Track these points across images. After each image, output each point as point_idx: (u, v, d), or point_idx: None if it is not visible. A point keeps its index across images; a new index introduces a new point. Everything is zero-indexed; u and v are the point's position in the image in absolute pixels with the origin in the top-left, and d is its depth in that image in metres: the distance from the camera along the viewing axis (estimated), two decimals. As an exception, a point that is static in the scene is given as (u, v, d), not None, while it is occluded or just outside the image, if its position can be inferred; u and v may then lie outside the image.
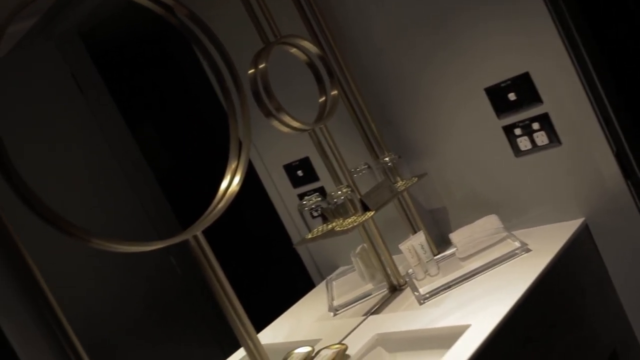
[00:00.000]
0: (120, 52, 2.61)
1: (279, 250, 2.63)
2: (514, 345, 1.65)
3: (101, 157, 2.36)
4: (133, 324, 2.21)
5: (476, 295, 1.81)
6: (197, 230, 1.66)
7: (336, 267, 2.51)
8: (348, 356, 1.78)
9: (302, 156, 2.42)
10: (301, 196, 2.46)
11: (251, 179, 2.55)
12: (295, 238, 2.46)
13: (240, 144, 1.82)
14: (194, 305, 2.42)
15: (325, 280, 2.45)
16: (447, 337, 1.65)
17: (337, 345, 1.80)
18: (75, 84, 2.46)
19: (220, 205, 1.71)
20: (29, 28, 2.00)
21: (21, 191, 1.37)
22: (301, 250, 2.55)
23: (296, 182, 2.49)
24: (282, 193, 2.53)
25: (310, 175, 2.43)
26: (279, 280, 2.58)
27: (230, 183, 1.75)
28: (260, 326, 2.24)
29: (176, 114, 2.71)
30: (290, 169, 2.48)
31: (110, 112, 2.49)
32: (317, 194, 2.08)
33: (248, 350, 1.71)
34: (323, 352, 1.78)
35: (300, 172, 2.46)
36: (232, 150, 1.81)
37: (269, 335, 2.18)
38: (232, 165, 1.78)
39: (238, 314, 1.69)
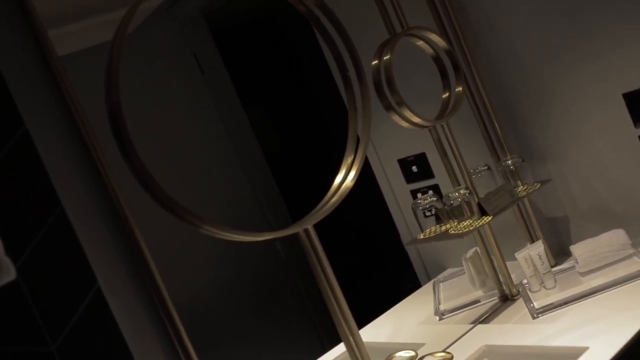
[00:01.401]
0: (241, 33, 2.62)
1: (387, 246, 2.57)
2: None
3: (217, 139, 2.38)
4: (236, 305, 2.22)
5: (597, 315, 1.69)
6: (308, 224, 1.63)
7: (444, 269, 2.43)
8: (453, 365, 1.71)
9: (418, 151, 2.35)
10: (414, 192, 2.39)
11: (364, 171, 2.50)
12: (404, 235, 2.40)
13: (358, 138, 1.77)
14: (295, 291, 2.41)
15: (432, 281, 2.38)
16: (561, 357, 1.56)
17: (442, 354, 1.72)
18: (196, 64, 2.48)
19: (333, 200, 1.67)
20: (155, 7, 2.02)
21: (141, 176, 1.38)
22: (409, 248, 2.48)
23: (410, 177, 2.42)
24: (394, 188, 2.47)
25: (425, 171, 2.36)
26: (384, 277, 2.53)
27: (345, 178, 1.71)
28: (362, 322, 2.19)
29: (293, 100, 2.69)
30: (404, 163, 2.42)
31: (229, 94, 2.51)
32: (431, 192, 2.01)
33: (349, 348, 1.67)
34: (427, 359, 1.72)
35: (415, 168, 2.39)
36: (349, 144, 1.77)
37: (370, 333, 2.13)
38: (348, 160, 1.74)
39: (343, 312, 1.65)
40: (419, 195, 2.04)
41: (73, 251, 1.32)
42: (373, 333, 2.14)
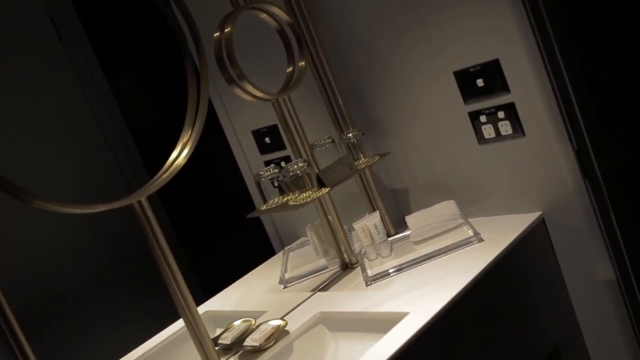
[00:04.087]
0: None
1: (242, 215, 2.61)
2: (450, 337, 1.64)
3: (77, 108, 2.32)
4: (96, 276, 2.20)
5: (422, 281, 1.79)
6: (141, 196, 1.63)
7: (297, 237, 2.49)
8: (287, 332, 1.77)
9: (270, 123, 2.39)
10: (267, 163, 2.43)
11: (219, 142, 2.52)
12: (259, 205, 2.44)
13: (196, 115, 1.78)
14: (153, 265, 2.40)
15: (283, 250, 2.44)
16: (385, 323, 1.64)
17: (277, 321, 1.79)
18: (54, 30, 2.40)
19: (164, 176, 1.68)
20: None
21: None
22: (265, 218, 2.53)
23: (264, 148, 2.45)
24: (249, 158, 2.50)
25: (278, 143, 2.40)
26: (240, 246, 2.56)
27: (179, 155, 1.72)
28: (215, 290, 2.24)
29: (159, 67, 2.65)
30: (258, 135, 2.45)
31: (89, 61, 2.44)
32: (274, 165, 2.04)
33: (186, 321, 1.70)
34: (262, 327, 1.77)
35: (268, 139, 2.42)
36: (187, 121, 1.77)
37: (219, 302, 2.17)
38: (184, 138, 1.75)
39: (178, 283, 1.67)
40: (264, 168, 2.07)
41: None
42: (221, 302, 2.18)
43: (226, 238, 2.54)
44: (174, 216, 2.38)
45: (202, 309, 2.13)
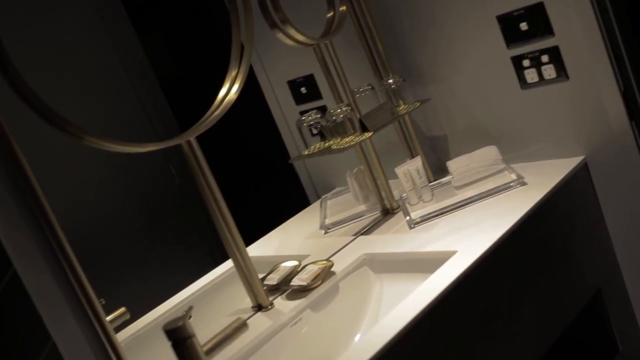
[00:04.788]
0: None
1: (276, 166, 2.62)
2: (498, 276, 1.66)
3: (106, 60, 2.33)
4: (128, 228, 2.22)
5: (467, 223, 1.81)
6: (190, 136, 1.65)
7: (333, 188, 2.51)
8: (333, 273, 1.79)
9: (306, 73, 2.39)
10: (303, 114, 2.44)
11: (254, 94, 2.53)
12: (294, 155, 2.45)
13: (242, 50, 1.79)
14: (189, 215, 2.43)
15: (320, 199, 2.45)
16: (433, 262, 1.65)
17: (324, 262, 1.81)
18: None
19: (216, 113, 1.70)
20: None
21: (17, 86, 1.35)
22: (299, 168, 2.54)
23: (299, 99, 2.46)
24: (284, 109, 2.51)
25: (314, 93, 2.40)
26: (274, 195, 2.58)
27: (229, 91, 1.73)
28: (252, 239, 2.26)
29: (184, 17, 2.65)
30: (294, 85, 2.45)
31: (119, 14, 2.44)
32: (316, 111, 2.05)
33: (235, 260, 1.73)
34: (309, 267, 1.79)
35: (304, 89, 2.43)
36: (233, 58, 1.78)
37: (258, 249, 2.19)
38: (232, 73, 1.75)
39: (227, 223, 1.70)
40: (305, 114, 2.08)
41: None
42: (261, 248, 2.20)
43: (261, 189, 2.56)
44: (210, 165, 2.40)
45: (242, 255, 2.16)
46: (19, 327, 1.36)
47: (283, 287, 1.79)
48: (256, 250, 2.20)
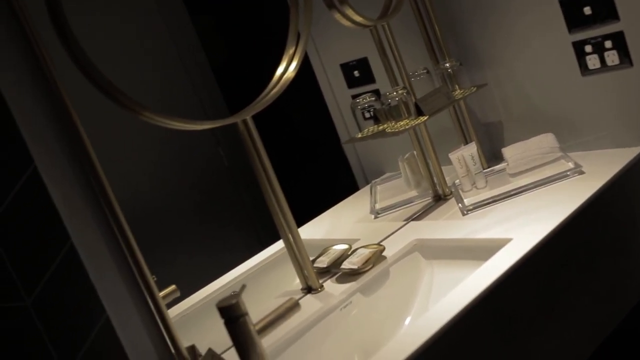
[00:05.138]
0: None
1: (327, 149, 2.61)
2: (554, 266, 1.62)
3: (159, 40, 2.34)
4: (178, 208, 2.24)
5: (521, 211, 1.77)
6: (247, 115, 1.64)
7: (383, 173, 2.49)
8: (384, 257, 1.78)
9: (360, 56, 2.37)
10: (355, 97, 2.42)
11: (306, 76, 2.52)
12: (345, 139, 2.44)
13: (299, 32, 1.77)
14: (237, 197, 2.44)
15: (370, 184, 2.44)
16: (487, 249, 1.63)
17: (375, 245, 1.80)
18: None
19: (274, 91, 1.69)
20: None
21: (80, 60, 1.36)
22: (349, 153, 2.53)
23: (351, 82, 2.44)
24: (336, 92, 2.49)
25: (367, 76, 2.38)
26: (324, 179, 2.57)
27: (287, 69, 1.72)
28: (301, 222, 2.25)
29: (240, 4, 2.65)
30: (347, 68, 2.44)
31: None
32: (370, 94, 2.03)
33: (286, 241, 1.72)
34: (360, 251, 1.78)
35: (357, 73, 2.41)
36: (291, 37, 1.76)
37: (308, 231, 2.19)
38: (290, 51, 1.74)
39: (280, 203, 1.69)
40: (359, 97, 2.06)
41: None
42: (311, 231, 2.20)
43: (311, 172, 2.56)
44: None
45: (291, 238, 2.16)
46: (74, 300, 1.38)
47: (333, 269, 1.78)
48: (306, 232, 2.19)
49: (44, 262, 1.36)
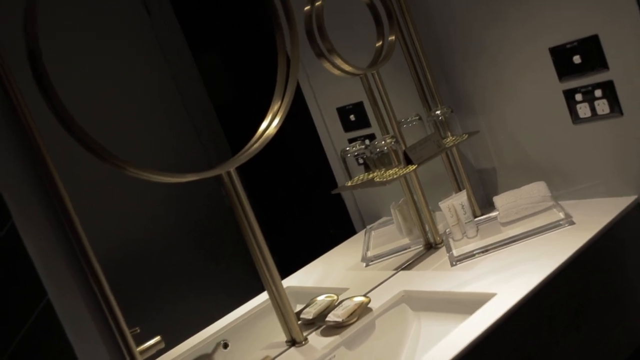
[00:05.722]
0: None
1: (324, 193, 2.60)
2: (540, 321, 1.59)
3: (161, 82, 2.35)
4: (177, 248, 2.24)
5: (510, 263, 1.75)
6: (230, 167, 1.64)
7: (379, 217, 2.47)
8: (370, 309, 1.75)
9: (356, 100, 2.37)
10: (351, 141, 2.42)
11: (304, 119, 2.52)
12: (341, 181, 2.42)
13: (286, 84, 1.78)
14: (237, 237, 2.43)
15: (365, 229, 2.42)
16: (472, 303, 1.60)
17: (361, 298, 1.78)
18: (142, 4, 2.44)
19: (255, 146, 1.69)
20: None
21: (61, 117, 1.37)
22: (346, 196, 2.52)
23: (348, 126, 2.44)
24: (332, 136, 2.49)
25: (363, 120, 2.38)
26: (320, 223, 2.56)
27: (269, 125, 1.72)
28: (297, 266, 2.25)
29: (245, 46, 2.66)
30: (343, 112, 2.43)
31: (176, 37, 2.47)
32: (360, 141, 2.02)
33: (271, 294, 1.71)
34: (345, 303, 1.76)
35: (353, 117, 2.40)
36: (277, 91, 1.77)
37: (300, 278, 2.18)
38: (274, 107, 1.75)
39: (264, 256, 1.68)
40: (350, 144, 2.06)
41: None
42: (303, 278, 2.19)
43: (308, 216, 2.55)
44: (256, 191, 2.40)
45: (283, 284, 2.14)
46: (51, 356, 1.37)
47: (319, 322, 1.76)
48: (298, 279, 2.19)
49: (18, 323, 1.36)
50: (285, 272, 2.21)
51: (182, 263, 2.22)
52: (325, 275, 2.18)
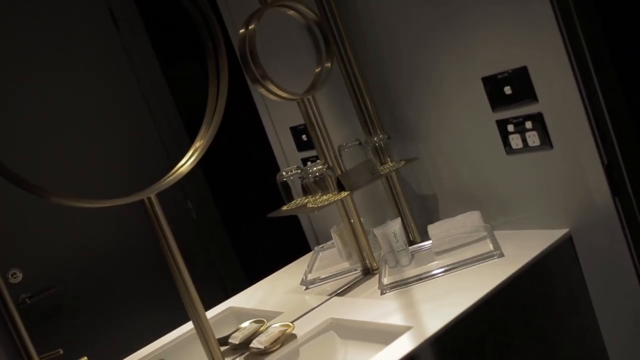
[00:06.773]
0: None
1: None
2: (457, 355, 1.58)
3: (131, 98, 2.36)
4: (144, 260, 2.24)
5: (433, 295, 1.74)
6: (150, 193, 1.65)
7: (331, 237, 2.47)
8: (295, 336, 1.75)
9: (306, 121, 2.37)
10: (304, 160, 2.42)
11: (260, 137, 2.52)
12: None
13: (212, 119, 1.77)
14: (204, 249, 2.44)
15: (314, 249, 2.42)
16: (389, 335, 1.60)
17: (285, 324, 1.77)
18: (111, 19, 2.45)
19: (169, 179, 1.69)
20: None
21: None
22: (302, 216, 2.52)
23: (301, 145, 2.44)
24: (287, 155, 2.49)
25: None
26: (277, 242, 2.55)
27: (186, 162, 1.72)
28: (250, 282, 2.29)
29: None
30: (296, 131, 2.43)
31: (145, 52, 2.48)
32: (296, 166, 2.03)
33: (195, 323, 1.70)
34: (271, 329, 1.77)
35: (305, 137, 2.40)
36: (204, 124, 1.77)
37: (242, 300, 2.19)
38: (197, 144, 1.75)
39: (186, 284, 1.68)
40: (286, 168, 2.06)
41: None
42: (244, 300, 2.20)
43: (264, 234, 2.54)
44: (221, 208, 2.42)
45: (225, 304, 2.16)
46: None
47: (241, 349, 1.76)
48: (241, 300, 2.20)
49: None
50: (250, 281, 2.30)
51: (147, 277, 2.23)
52: (266, 297, 2.18)
